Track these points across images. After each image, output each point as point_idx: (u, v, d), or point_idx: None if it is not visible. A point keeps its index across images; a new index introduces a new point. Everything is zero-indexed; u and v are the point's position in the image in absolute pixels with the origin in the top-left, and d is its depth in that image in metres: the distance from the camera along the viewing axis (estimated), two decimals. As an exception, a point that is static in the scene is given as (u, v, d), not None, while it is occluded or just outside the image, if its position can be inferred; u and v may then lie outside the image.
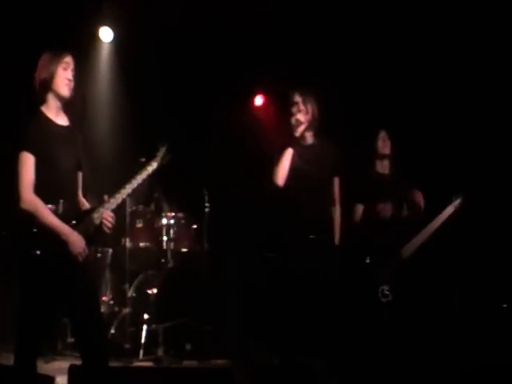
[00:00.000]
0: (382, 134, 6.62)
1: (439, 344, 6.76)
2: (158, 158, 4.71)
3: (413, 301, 6.46)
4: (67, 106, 4.64)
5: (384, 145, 6.61)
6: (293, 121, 5.91)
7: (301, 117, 5.91)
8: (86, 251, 4.42)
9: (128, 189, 4.60)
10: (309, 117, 5.93)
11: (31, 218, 4.32)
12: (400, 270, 6.40)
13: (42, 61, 4.59)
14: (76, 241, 4.37)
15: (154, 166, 4.69)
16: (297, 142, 5.94)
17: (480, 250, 7.31)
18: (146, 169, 4.67)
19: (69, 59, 4.60)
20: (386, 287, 6.32)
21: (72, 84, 4.59)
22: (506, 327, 6.88)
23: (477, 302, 7.17)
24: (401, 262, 6.43)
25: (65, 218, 4.40)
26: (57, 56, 4.57)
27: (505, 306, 7.20)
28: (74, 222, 4.43)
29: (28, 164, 4.37)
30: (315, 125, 6.01)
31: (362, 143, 6.78)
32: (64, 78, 4.54)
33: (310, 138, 6.07)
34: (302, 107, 5.90)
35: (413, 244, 6.46)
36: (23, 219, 4.34)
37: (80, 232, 4.43)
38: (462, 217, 6.56)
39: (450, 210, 6.52)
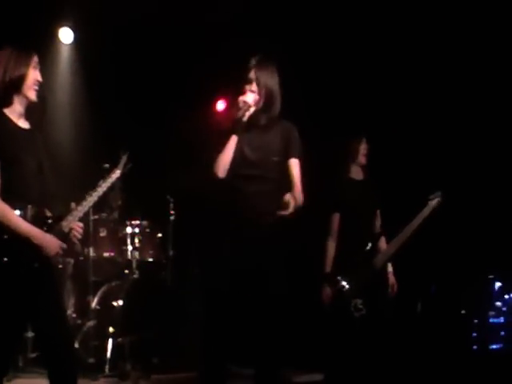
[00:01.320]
0: (364, 143, 6.42)
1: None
2: (121, 166, 4.57)
3: (385, 313, 6.24)
4: (28, 108, 4.39)
5: (364, 153, 6.41)
6: (240, 103, 4.99)
7: (249, 99, 4.98)
8: (64, 246, 4.26)
9: (94, 196, 4.44)
10: (260, 99, 4.99)
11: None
12: (373, 281, 6.17)
13: (5, 58, 4.30)
14: (50, 242, 4.20)
15: (117, 173, 4.56)
16: (245, 128, 5.02)
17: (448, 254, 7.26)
18: (110, 176, 4.52)
19: (36, 58, 4.34)
20: (359, 301, 6.06)
21: (38, 86, 4.35)
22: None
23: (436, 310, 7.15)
24: (374, 273, 6.19)
25: (33, 224, 4.19)
26: (27, 55, 4.30)
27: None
28: (44, 228, 4.23)
29: None
30: (270, 106, 5.05)
31: (335, 147, 6.60)
32: (34, 80, 4.30)
33: (263, 121, 5.09)
34: (254, 87, 5.00)
35: (386, 253, 6.22)
36: None
37: None
38: (435, 218, 6.29)
39: (426, 212, 6.16)
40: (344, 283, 6.09)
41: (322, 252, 6.28)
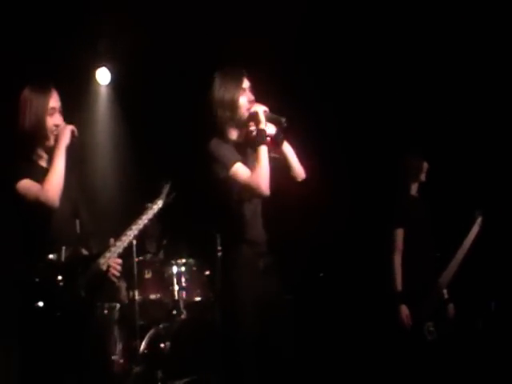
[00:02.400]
0: (426, 164, 6.36)
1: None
2: (163, 196, 4.44)
3: (458, 336, 6.16)
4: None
5: (426, 171, 6.36)
6: (261, 113, 4.50)
7: (263, 107, 4.55)
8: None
9: (134, 230, 4.32)
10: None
11: (32, 267, 3.96)
12: (441, 303, 6.11)
13: (24, 105, 4.16)
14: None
15: (159, 204, 4.43)
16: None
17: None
18: (151, 208, 4.39)
19: (54, 101, 4.19)
20: (430, 323, 5.97)
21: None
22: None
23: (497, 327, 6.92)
24: (441, 294, 6.13)
25: (68, 265, 4.05)
26: (41, 100, 4.14)
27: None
28: (79, 269, 4.06)
29: (29, 184, 4.06)
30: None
31: (392, 163, 6.53)
32: (51, 128, 4.20)
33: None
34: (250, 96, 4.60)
35: (448, 272, 6.13)
36: (23, 267, 4.00)
37: (86, 279, 4.06)
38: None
39: (475, 229, 6.24)
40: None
41: (390, 270, 6.09)
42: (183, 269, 7.23)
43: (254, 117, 4.49)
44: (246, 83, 4.57)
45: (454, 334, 6.11)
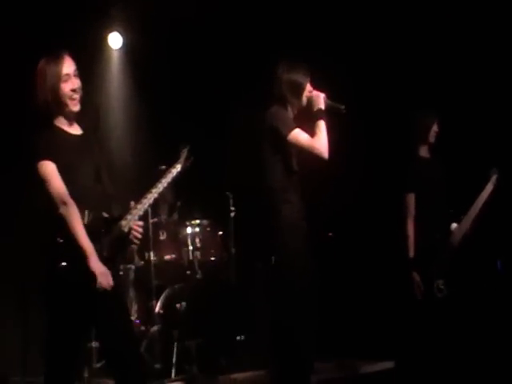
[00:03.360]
0: (437, 122, 6.33)
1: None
2: (182, 160, 4.47)
3: (468, 294, 6.20)
4: (80, 115, 4.35)
5: (436, 133, 6.34)
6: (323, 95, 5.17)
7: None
8: (111, 283, 4.11)
9: (154, 193, 4.35)
10: None
11: (56, 228, 4.05)
12: (452, 260, 6.13)
13: (39, 76, 4.24)
14: (102, 270, 4.09)
15: (178, 168, 4.45)
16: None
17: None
18: (170, 171, 4.43)
19: (67, 67, 4.23)
20: (440, 281, 6.04)
21: (78, 93, 4.27)
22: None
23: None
24: (452, 252, 6.15)
25: (91, 228, 4.12)
26: (54, 68, 4.20)
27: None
28: (102, 230, 4.16)
29: (52, 170, 4.13)
30: None
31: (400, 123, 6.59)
32: (68, 94, 4.22)
33: None
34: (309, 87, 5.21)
35: (460, 230, 6.16)
36: (47, 230, 4.10)
37: (108, 241, 4.17)
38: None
39: (489, 187, 6.23)
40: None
41: (403, 235, 6.18)
42: (197, 230, 7.32)
43: (316, 99, 5.07)
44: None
45: (464, 292, 6.15)
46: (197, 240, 7.28)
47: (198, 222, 7.36)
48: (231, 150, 8.13)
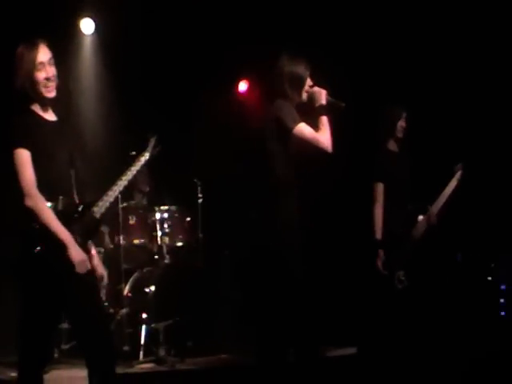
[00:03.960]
0: (404, 118, 6.44)
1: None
2: (150, 149, 4.60)
3: (428, 285, 6.36)
4: (53, 101, 4.42)
5: (404, 127, 6.45)
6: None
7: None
8: (89, 267, 4.26)
9: (124, 181, 4.48)
10: None
11: (31, 213, 4.14)
12: (414, 252, 6.27)
13: (17, 62, 4.31)
14: (78, 251, 4.21)
15: (146, 156, 4.58)
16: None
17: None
18: (139, 159, 4.56)
19: (42, 55, 4.30)
20: (401, 273, 6.16)
21: (54, 81, 4.33)
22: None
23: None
24: (414, 244, 6.30)
25: (65, 214, 4.23)
26: (29, 56, 4.28)
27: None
28: (75, 215, 4.28)
29: (26, 160, 4.19)
30: None
31: (376, 120, 6.62)
32: (42, 82, 4.28)
33: None
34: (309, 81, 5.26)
35: (423, 223, 6.32)
36: (22, 215, 4.17)
37: (81, 226, 4.28)
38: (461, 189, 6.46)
39: (453, 183, 6.38)
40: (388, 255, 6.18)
41: (372, 221, 6.30)
42: (166, 215, 7.38)
43: (318, 95, 5.09)
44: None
45: (424, 284, 6.29)
46: (165, 225, 7.34)
47: (166, 207, 7.41)
48: (198, 138, 8.26)
